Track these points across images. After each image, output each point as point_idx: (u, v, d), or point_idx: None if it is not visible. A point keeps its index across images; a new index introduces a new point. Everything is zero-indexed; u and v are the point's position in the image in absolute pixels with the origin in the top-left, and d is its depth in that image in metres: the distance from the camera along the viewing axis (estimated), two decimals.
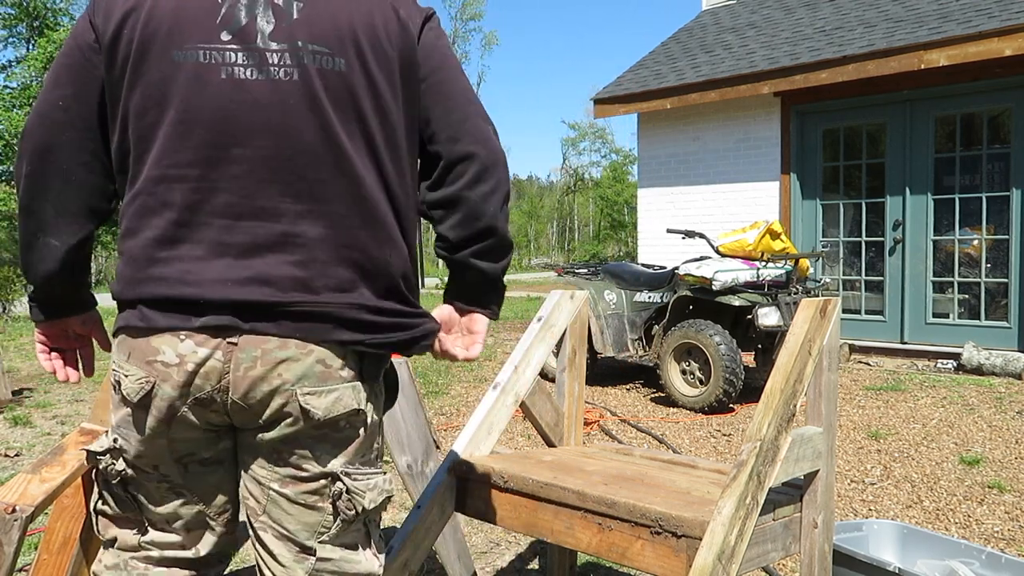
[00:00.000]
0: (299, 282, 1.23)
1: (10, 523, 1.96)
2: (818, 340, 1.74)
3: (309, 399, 1.25)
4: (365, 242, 1.27)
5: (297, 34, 1.22)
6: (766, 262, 5.44)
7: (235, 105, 1.21)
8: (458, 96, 1.36)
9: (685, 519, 1.57)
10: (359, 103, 1.25)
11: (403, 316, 1.33)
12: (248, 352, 1.23)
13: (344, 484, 1.30)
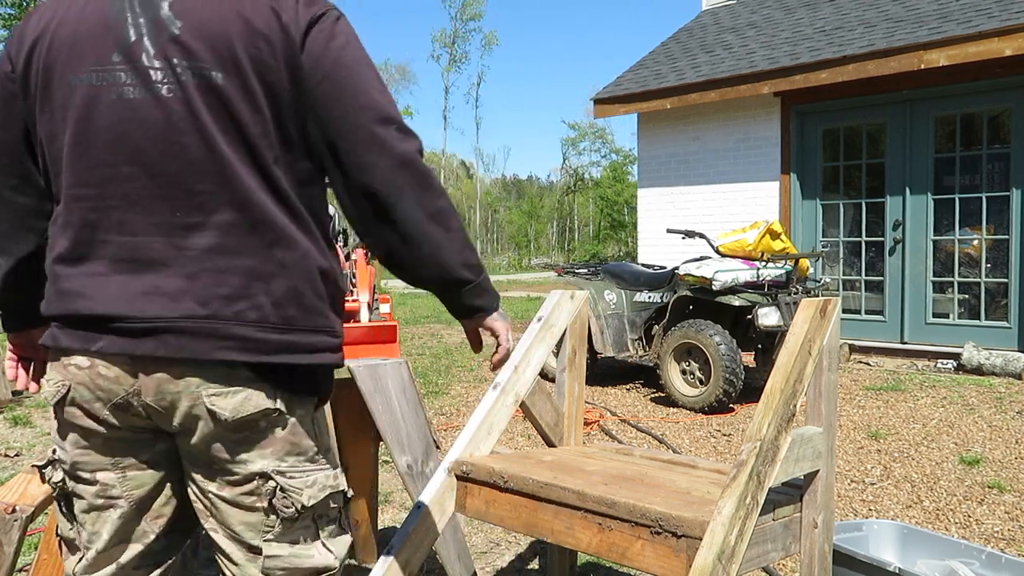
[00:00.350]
0: (189, 295, 1.25)
1: (10, 523, 1.96)
2: (818, 340, 1.74)
3: (215, 400, 1.26)
4: (255, 247, 1.26)
5: (177, 50, 1.24)
6: (766, 262, 5.44)
7: (124, 125, 1.25)
8: (348, 102, 1.28)
9: (685, 519, 1.57)
10: (239, 114, 1.24)
11: (297, 331, 1.29)
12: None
13: (276, 482, 1.31)
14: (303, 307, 1.30)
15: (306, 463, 1.34)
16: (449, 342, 8.93)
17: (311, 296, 1.31)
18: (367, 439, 2.80)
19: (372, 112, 1.29)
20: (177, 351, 1.24)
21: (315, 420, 1.38)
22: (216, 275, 1.25)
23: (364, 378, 2.40)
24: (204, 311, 1.24)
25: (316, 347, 1.32)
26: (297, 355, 1.29)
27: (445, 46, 45.71)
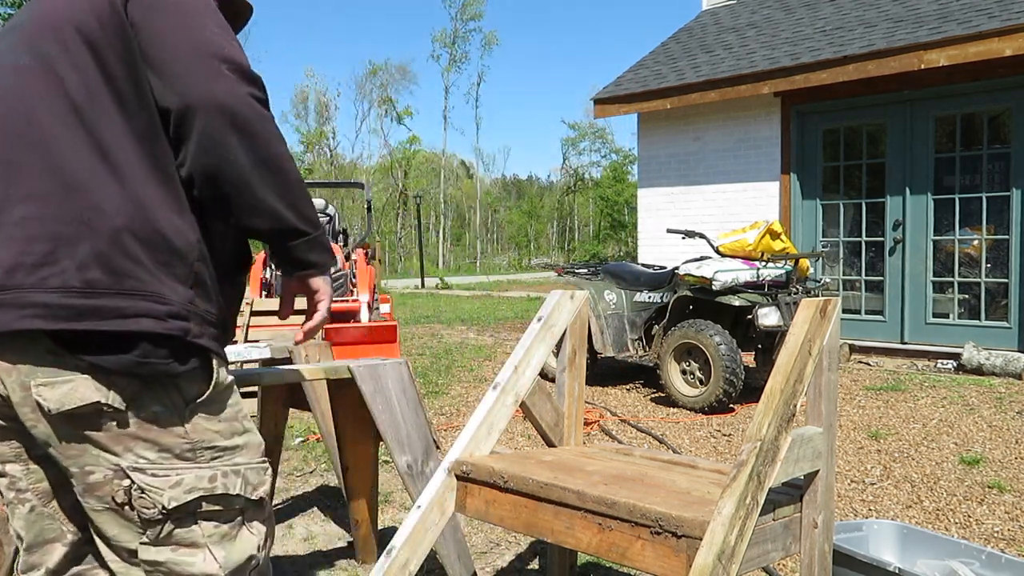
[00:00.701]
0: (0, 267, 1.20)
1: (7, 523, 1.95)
2: (818, 340, 1.74)
3: (42, 391, 1.18)
4: (68, 212, 1.20)
5: (26, 25, 1.28)
6: (766, 262, 5.44)
7: None
8: (175, 41, 1.23)
9: (685, 519, 1.58)
10: (63, 82, 1.23)
11: (105, 295, 1.19)
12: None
13: (132, 480, 1.22)
14: (110, 269, 1.20)
15: (174, 460, 1.25)
16: (449, 342, 8.93)
17: (120, 258, 1.20)
18: (367, 439, 2.80)
19: (202, 49, 1.23)
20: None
21: (191, 416, 1.27)
22: (24, 243, 1.19)
23: (364, 378, 2.40)
24: (8, 281, 1.18)
25: (127, 312, 1.19)
26: (103, 321, 1.17)
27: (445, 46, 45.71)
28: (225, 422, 1.33)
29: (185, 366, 1.25)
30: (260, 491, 1.38)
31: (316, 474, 4.06)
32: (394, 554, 1.87)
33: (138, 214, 1.22)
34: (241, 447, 1.35)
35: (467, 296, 17.32)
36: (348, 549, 3.07)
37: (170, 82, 1.22)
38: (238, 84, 1.23)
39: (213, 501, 1.29)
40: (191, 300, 1.26)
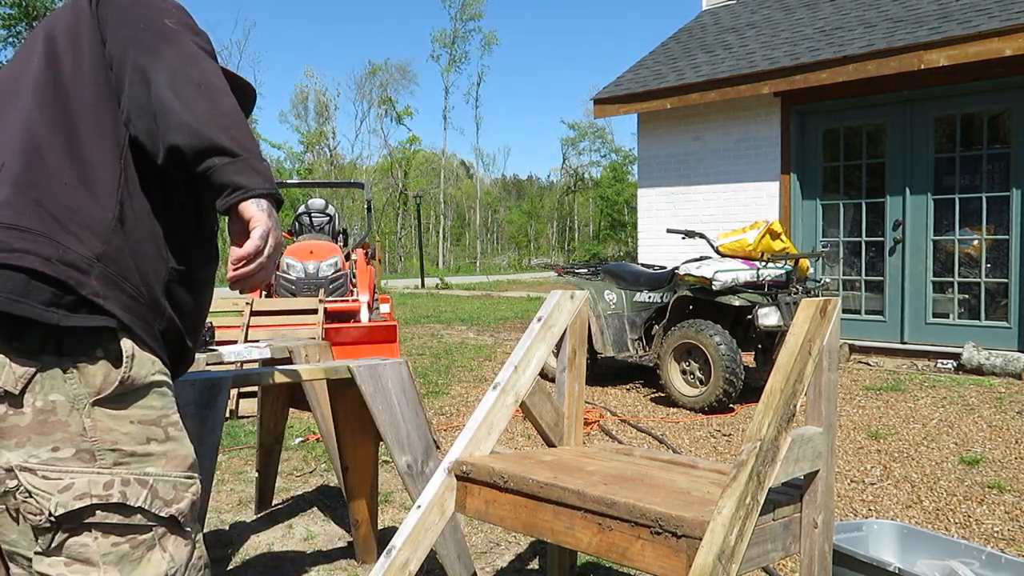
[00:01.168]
0: None
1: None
2: (818, 340, 1.74)
3: None
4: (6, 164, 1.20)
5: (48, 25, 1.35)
6: (766, 262, 5.44)
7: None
8: (129, 15, 1.27)
9: (685, 519, 1.58)
10: (42, 70, 1.27)
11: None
12: None
13: (20, 480, 1.11)
14: (10, 205, 1.14)
15: (70, 462, 1.12)
16: (449, 342, 8.93)
17: (30, 204, 1.14)
18: (367, 439, 2.80)
19: (145, 14, 1.26)
20: None
21: (94, 410, 1.15)
22: None
23: (364, 378, 2.40)
24: None
25: (12, 246, 1.10)
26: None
27: (445, 46, 45.70)
28: (139, 424, 1.18)
29: (72, 320, 1.11)
30: (173, 508, 1.21)
31: (316, 474, 4.07)
32: (394, 554, 1.87)
33: (66, 187, 1.18)
34: (156, 456, 1.20)
35: (467, 296, 17.32)
36: (348, 549, 3.06)
37: (113, 41, 1.24)
38: (183, 34, 1.25)
39: (109, 510, 1.15)
40: (98, 257, 1.15)
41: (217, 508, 3.55)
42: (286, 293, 7.99)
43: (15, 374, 1.10)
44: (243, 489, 3.81)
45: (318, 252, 8.46)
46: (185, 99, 1.16)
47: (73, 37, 1.28)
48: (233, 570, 2.92)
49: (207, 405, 1.95)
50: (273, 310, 6.01)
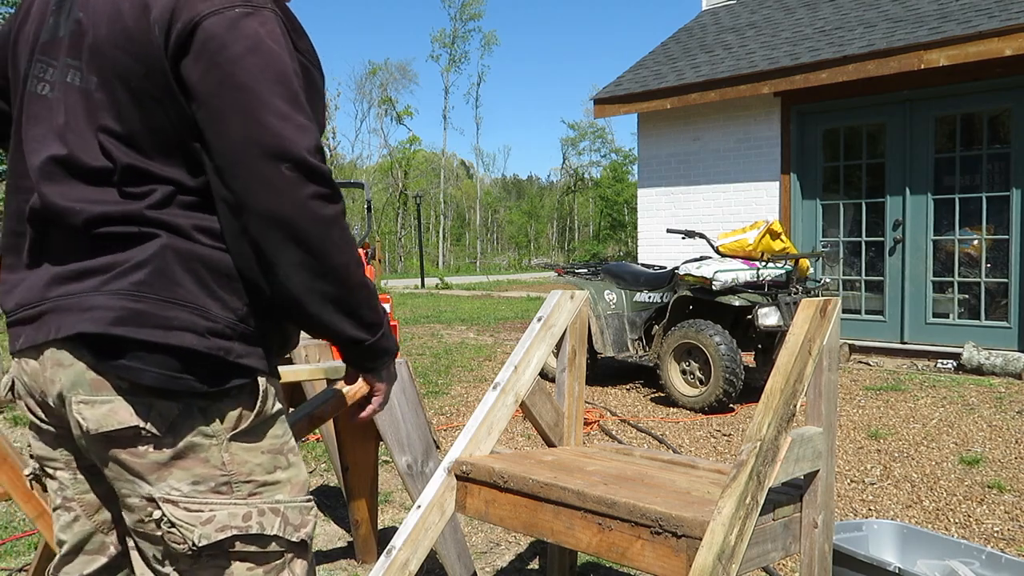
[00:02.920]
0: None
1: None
2: (818, 340, 1.74)
3: (82, 408, 1.14)
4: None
5: (65, 49, 1.19)
6: (766, 262, 5.44)
7: (26, 119, 1.23)
8: (233, 130, 1.10)
9: (685, 519, 1.58)
10: (99, 119, 1.15)
11: (150, 300, 1.14)
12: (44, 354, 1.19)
13: (163, 512, 1.16)
14: (161, 274, 1.14)
15: (208, 494, 1.17)
16: (449, 342, 8.93)
17: (173, 266, 1.15)
18: (367, 439, 2.80)
19: (260, 144, 1.10)
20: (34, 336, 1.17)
21: (230, 445, 1.19)
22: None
23: None
24: (74, 287, 1.18)
25: (172, 323, 1.13)
26: (143, 329, 1.11)
27: (445, 46, 45.72)
28: (268, 454, 1.23)
29: (223, 387, 1.17)
30: (302, 532, 1.25)
31: (316, 474, 4.07)
32: (394, 554, 1.87)
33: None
34: (283, 483, 1.24)
35: (467, 296, 17.31)
36: (348, 549, 3.06)
37: (222, 173, 1.12)
38: (298, 187, 1.12)
39: (247, 541, 1.19)
40: (241, 318, 1.19)
41: None
42: None
43: (160, 416, 1.15)
44: None
45: None
46: (314, 297, 1.18)
47: (138, 95, 1.14)
48: None
49: None
50: None
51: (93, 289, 1.13)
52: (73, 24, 1.18)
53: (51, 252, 1.18)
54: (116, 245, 1.14)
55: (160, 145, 1.15)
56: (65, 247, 1.16)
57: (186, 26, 1.10)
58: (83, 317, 1.12)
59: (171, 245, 1.14)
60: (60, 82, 1.18)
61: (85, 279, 1.14)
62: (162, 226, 1.14)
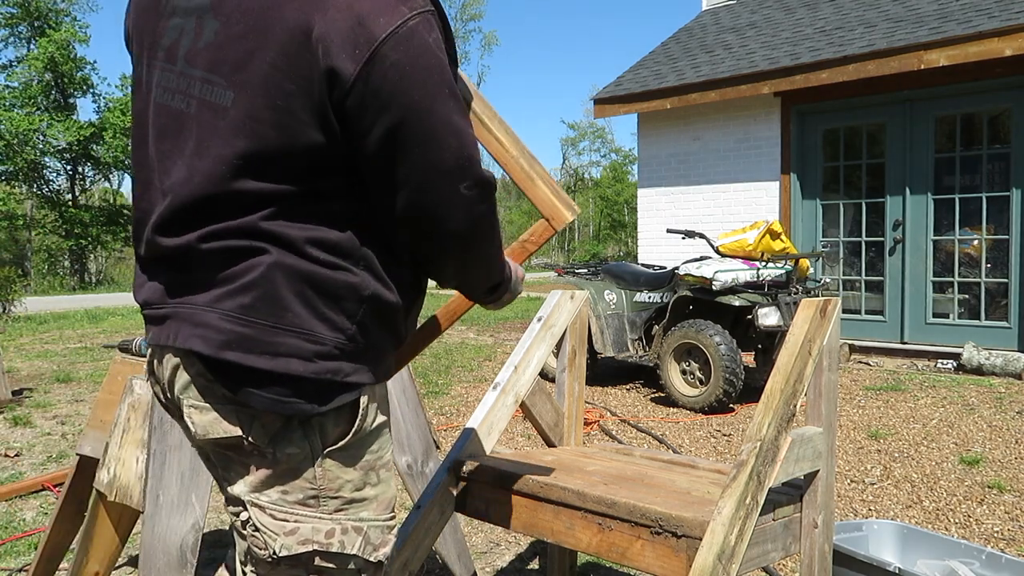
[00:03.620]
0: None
1: None
2: (818, 340, 1.74)
3: (192, 413, 1.18)
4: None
5: (199, 60, 1.14)
6: (766, 262, 5.44)
7: (152, 126, 1.21)
8: (415, 153, 1.11)
9: (685, 519, 1.58)
10: (232, 136, 1.12)
11: (257, 327, 1.13)
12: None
13: (250, 516, 1.18)
14: (269, 298, 1.14)
15: (295, 506, 1.18)
16: (449, 342, 8.93)
17: (282, 289, 1.15)
18: None
19: (443, 166, 1.13)
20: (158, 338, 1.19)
21: (325, 461, 1.18)
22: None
23: None
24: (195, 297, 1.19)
25: (279, 349, 1.13)
26: (250, 355, 1.12)
27: None
28: (360, 471, 1.22)
29: (329, 406, 1.17)
30: (380, 553, 1.24)
31: None
32: (394, 554, 1.87)
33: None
34: (369, 500, 1.23)
35: None
36: None
37: (404, 194, 1.14)
38: (476, 204, 1.17)
39: (327, 559, 1.19)
40: (349, 336, 1.18)
41: (217, 508, 3.55)
42: None
43: (263, 429, 1.15)
44: None
45: None
46: (465, 275, 1.31)
47: (280, 112, 1.09)
48: None
49: None
50: None
51: (207, 304, 1.14)
52: (211, 34, 1.13)
53: (172, 257, 1.18)
54: (229, 258, 1.13)
55: (289, 160, 1.11)
56: (184, 255, 1.16)
57: (363, 52, 1.05)
58: (195, 333, 1.13)
59: (280, 263, 1.13)
60: (190, 95, 1.14)
61: (199, 291, 1.15)
62: (273, 239, 1.13)
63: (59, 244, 32.35)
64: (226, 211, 1.13)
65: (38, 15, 30.86)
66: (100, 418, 2.28)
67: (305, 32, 1.05)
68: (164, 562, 1.86)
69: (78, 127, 30.04)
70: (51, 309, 15.18)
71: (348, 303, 1.17)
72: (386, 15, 1.06)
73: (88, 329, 11.71)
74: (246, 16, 1.10)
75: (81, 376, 7.18)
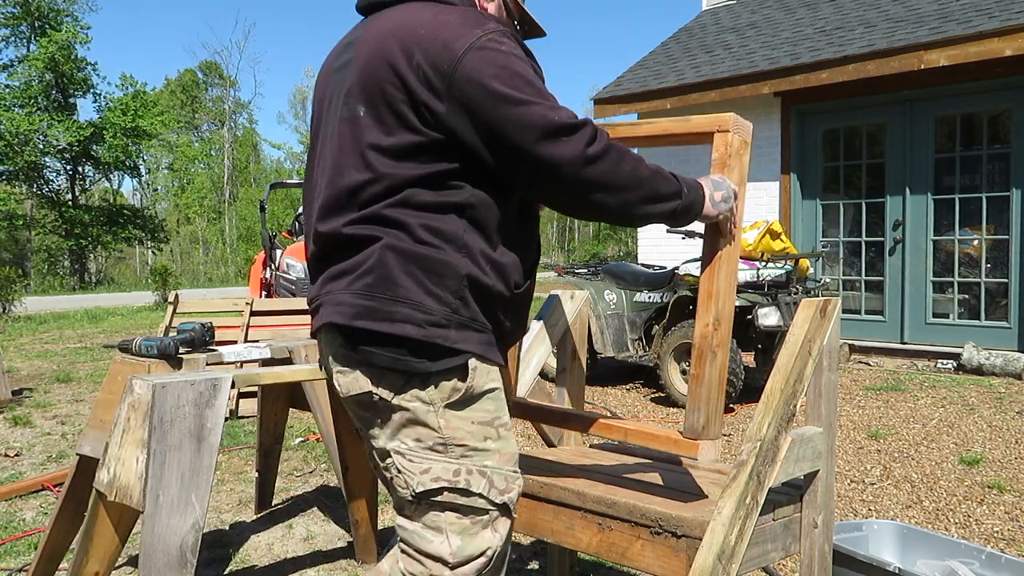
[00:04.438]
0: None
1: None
2: (818, 340, 1.74)
3: (338, 377, 1.50)
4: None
5: (349, 89, 1.49)
6: (766, 262, 5.44)
7: (325, 151, 1.55)
8: (509, 128, 1.39)
9: (685, 519, 1.58)
10: (370, 139, 1.44)
11: (378, 299, 1.43)
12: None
13: (394, 461, 1.47)
14: (384, 278, 1.43)
15: (427, 451, 1.45)
16: None
17: (395, 269, 1.43)
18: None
19: (531, 130, 1.37)
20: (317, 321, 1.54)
21: (444, 411, 1.45)
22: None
23: None
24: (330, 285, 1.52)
25: (395, 316, 1.41)
26: (375, 322, 1.42)
27: None
28: (478, 425, 1.48)
29: (439, 366, 1.43)
30: (506, 496, 1.49)
31: (316, 474, 4.07)
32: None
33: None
34: (492, 451, 1.48)
35: None
36: (348, 549, 3.07)
37: (520, 168, 1.41)
38: (577, 146, 1.39)
39: (454, 492, 1.45)
40: (455, 309, 1.44)
41: (217, 508, 3.55)
42: (286, 293, 7.99)
43: (389, 385, 1.44)
44: (243, 489, 3.81)
45: None
46: (626, 209, 1.48)
47: (400, 116, 1.42)
48: (233, 570, 2.92)
49: (207, 405, 1.95)
50: (273, 310, 6.00)
51: (342, 288, 1.46)
52: (349, 68, 1.51)
53: (326, 258, 1.52)
54: (357, 246, 1.45)
55: (410, 156, 1.42)
56: (332, 252, 1.50)
57: (451, 65, 1.38)
58: (335, 310, 1.46)
59: (391, 246, 1.42)
60: (338, 115, 1.50)
61: (338, 279, 1.48)
62: (391, 224, 1.42)
63: (59, 244, 32.34)
64: (360, 203, 1.44)
65: (39, 15, 30.86)
66: (100, 418, 2.28)
67: (410, 56, 1.41)
68: (164, 562, 1.86)
69: (78, 127, 30.04)
70: (51, 309, 15.18)
71: (450, 280, 1.43)
72: (464, 37, 1.40)
73: (88, 329, 11.72)
74: (368, 52, 1.47)
75: (81, 376, 7.19)
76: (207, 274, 40.67)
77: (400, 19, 1.47)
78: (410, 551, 1.50)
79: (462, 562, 1.46)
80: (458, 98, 1.38)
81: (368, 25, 1.54)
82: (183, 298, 5.95)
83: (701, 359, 1.62)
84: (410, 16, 1.46)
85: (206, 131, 48.35)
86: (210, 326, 2.57)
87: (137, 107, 31.44)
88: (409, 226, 1.41)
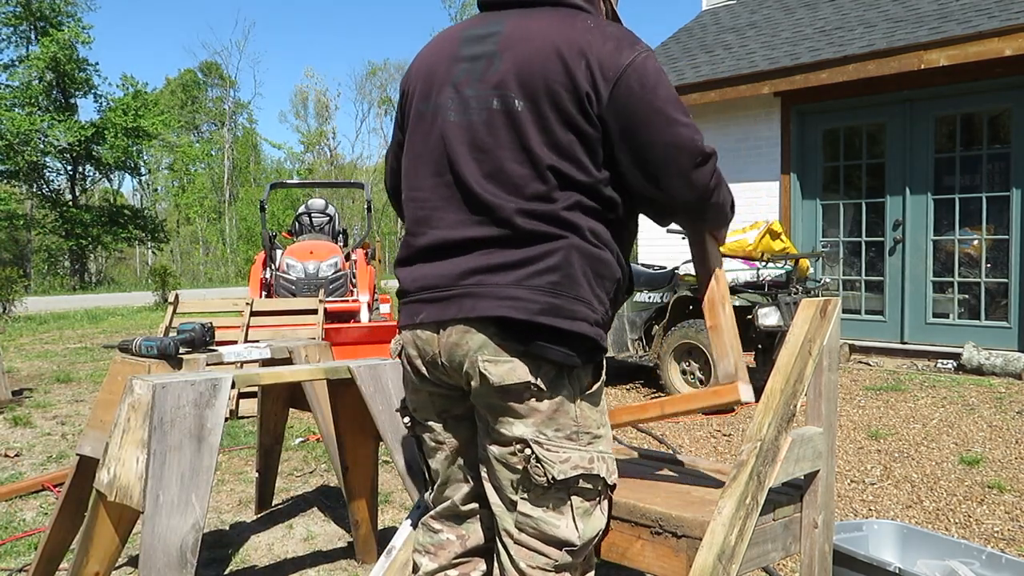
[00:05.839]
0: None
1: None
2: (818, 340, 1.74)
3: (487, 366, 1.49)
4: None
5: (488, 76, 1.52)
6: (766, 262, 5.44)
7: (445, 141, 1.55)
8: (657, 143, 1.48)
9: (685, 519, 1.58)
10: (528, 134, 1.48)
11: (563, 297, 1.49)
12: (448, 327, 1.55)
13: (533, 451, 1.49)
14: (567, 277, 1.48)
15: (564, 440, 1.50)
16: None
17: (573, 269, 1.49)
18: (367, 439, 2.80)
19: (677, 150, 1.49)
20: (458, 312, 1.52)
21: (581, 403, 1.53)
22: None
23: (364, 378, 2.40)
24: (487, 279, 1.52)
25: (576, 315, 1.47)
26: (558, 319, 1.46)
27: None
28: (599, 413, 1.57)
29: (590, 361, 1.53)
30: (614, 477, 1.59)
31: (316, 474, 4.07)
32: (394, 554, 1.87)
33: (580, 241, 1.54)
34: (603, 437, 1.57)
35: None
36: (348, 549, 3.07)
37: (656, 180, 1.51)
38: (709, 175, 1.53)
39: (587, 480, 1.52)
40: (607, 309, 1.55)
41: (217, 508, 3.55)
42: (286, 293, 7.99)
43: (545, 376, 1.49)
44: (243, 489, 3.81)
45: (318, 252, 8.44)
46: (716, 227, 1.73)
47: (564, 115, 1.47)
48: (233, 571, 2.92)
49: (207, 405, 1.96)
50: (273, 310, 6.01)
51: (512, 283, 1.47)
52: (493, 60, 1.52)
53: (460, 250, 1.51)
54: (527, 242, 1.47)
55: (570, 155, 1.48)
56: (483, 243, 1.49)
57: (617, 72, 1.46)
58: (503, 304, 1.46)
59: (575, 246, 1.48)
60: (484, 106, 1.51)
61: (499, 273, 1.48)
62: (570, 227, 1.48)
63: (59, 244, 32.34)
64: (528, 197, 1.47)
65: (40, 15, 30.86)
66: (100, 418, 2.28)
67: (580, 59, 1.46)
68: (164, 562, 1.86)
69: (79, 127, 30.04)
70: (51, 309, 15.19)
71: (607, 282, 1.54)
72: (628, 49, 1.48)
73: (88, 329, 11.72)
74: (529, 49, 1.49)
75: (81, 376, 7.19)
76: (207, 274, 40.68)
77: (558, 21, 1.51)
78: (530, 541, 1.54)
79: (586, 544, 1.55)
80: (618, 104, 1.46)
81: (512, 22, 1.55)
82: (183, 298, 5.96)
83: (713, 309, 1.76)
84: (569, 20, 1.52)
85: (206, 131, 48.34)
86: (210, 326, 2.58)
87: (138, 107, 31.45)
88: (582, 229, 1.49)
